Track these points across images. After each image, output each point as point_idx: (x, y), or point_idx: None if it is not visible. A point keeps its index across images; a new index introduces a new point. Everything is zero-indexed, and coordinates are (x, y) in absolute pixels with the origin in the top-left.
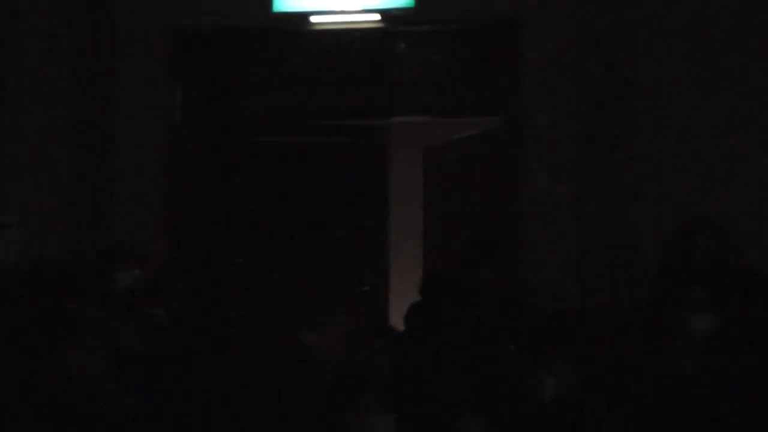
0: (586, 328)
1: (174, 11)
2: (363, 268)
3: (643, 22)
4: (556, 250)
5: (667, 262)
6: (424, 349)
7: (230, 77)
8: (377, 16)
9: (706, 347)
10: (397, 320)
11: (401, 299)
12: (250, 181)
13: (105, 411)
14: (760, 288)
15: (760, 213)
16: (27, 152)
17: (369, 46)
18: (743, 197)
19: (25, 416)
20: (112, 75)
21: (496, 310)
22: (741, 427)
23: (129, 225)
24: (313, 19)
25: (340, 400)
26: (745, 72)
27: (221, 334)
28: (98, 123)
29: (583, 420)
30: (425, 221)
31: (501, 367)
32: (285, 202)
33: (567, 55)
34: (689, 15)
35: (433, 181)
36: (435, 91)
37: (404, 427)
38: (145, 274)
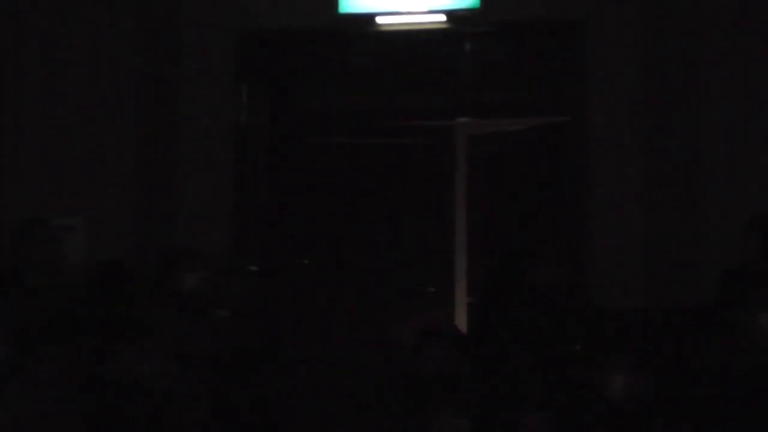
0: (653, 327)
1: (239, 12)
2: (429, 270)
3: (708, 20)
4: (622, 250)
5: (733, 261)
6: (489, 350)
7: (296, 78)
8: (442, 17)
9: None
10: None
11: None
12: (315, 182)
13: (168, 411)
14: None
15: None
16: (91, 154)
17: (434, 47)
18: None
19: (89, 415)
20: (178, 76)
21: (561, 309)
22: None
23: (194, 226)
24: (379, 19)
25: (410, 401)
26: None
27: (285, 335)
28: (163, 124)
29: (650, 419)
30: (468, 212)
31: (567, 367)
32: (350, 203)
33: (632, 53)
34: (756, 13)
35: (477, 171)
36: (500, 91)
37: (472, 428)
38: (209, 276)
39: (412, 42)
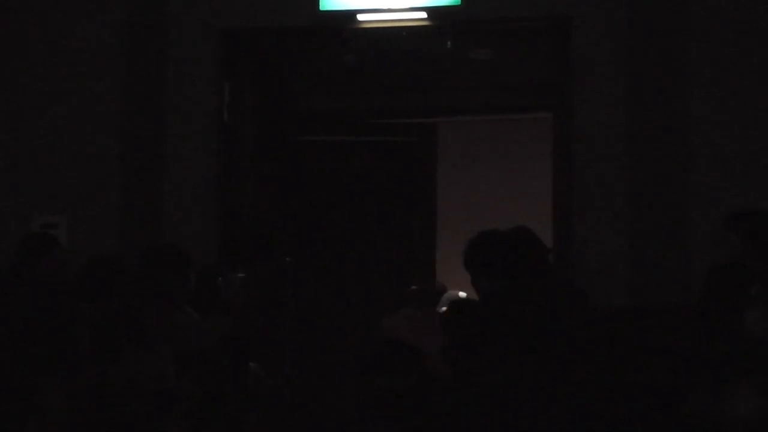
0: (637, 326)
1: (222, 10)
2: (410, 266)
3: (696, 16)
4: (607, 248)
5: (719, 257)
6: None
7: (278, 76)
8: (423, 14)
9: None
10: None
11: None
12: (298, 180)
13: (164, 412)
14: None
15: None
16: (75, 151)
17: (416, 44)
18: None
19: (93, 419)
20: (162, 74)
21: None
22: None
23: (178, 225)
24: (360, 17)
25: None
26: None
27: (274, 332)
28: (147, 122)
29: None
30: None
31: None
32: (333, 201)
33: (619, 49)
34: (746, 10)
35: None
36: (483, 89)
37: None
38: (196, 275)
39: (393, 39)
